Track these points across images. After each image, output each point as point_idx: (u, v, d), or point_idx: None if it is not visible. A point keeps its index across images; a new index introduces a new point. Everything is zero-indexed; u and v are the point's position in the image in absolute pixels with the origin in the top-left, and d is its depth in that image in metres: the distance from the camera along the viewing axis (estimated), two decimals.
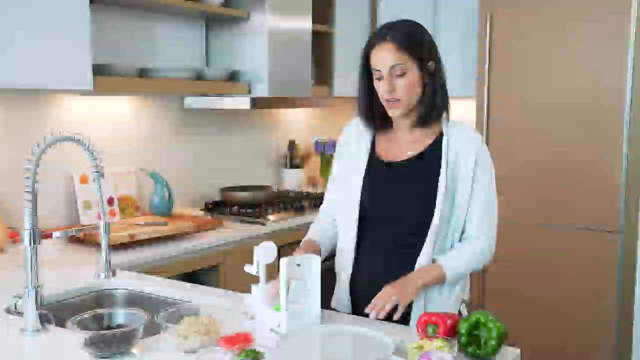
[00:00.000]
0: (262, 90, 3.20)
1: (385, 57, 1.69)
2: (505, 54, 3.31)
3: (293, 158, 3.89)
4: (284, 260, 1.55)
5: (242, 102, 3.13)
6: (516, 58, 3.29)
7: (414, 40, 1.71)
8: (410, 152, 1.79)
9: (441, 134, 1.78)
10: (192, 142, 3.37)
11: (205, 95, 3.24)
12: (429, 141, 1.78)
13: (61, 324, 1.57)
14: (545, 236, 3.27)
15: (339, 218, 1.87)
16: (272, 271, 1.64)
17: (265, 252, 1.66)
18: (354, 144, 1.87)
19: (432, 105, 1.74)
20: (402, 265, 1.73)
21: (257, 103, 3.15)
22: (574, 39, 3.13)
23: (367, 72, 1.77)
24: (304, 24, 3.45)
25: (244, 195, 3.29)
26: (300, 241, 1.89)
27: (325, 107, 3.84)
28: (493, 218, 1.78)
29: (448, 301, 1.77)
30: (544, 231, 3.27)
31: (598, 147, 3.11)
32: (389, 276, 1.69)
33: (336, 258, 1.90)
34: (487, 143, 3.36)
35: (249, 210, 3.16)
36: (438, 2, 3.91)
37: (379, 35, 1.72)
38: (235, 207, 3.23)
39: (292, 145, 3.91)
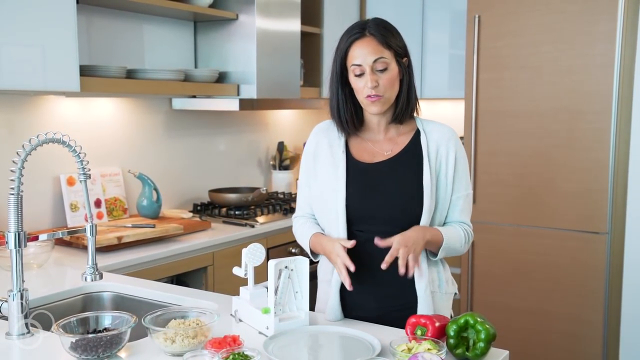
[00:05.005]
0: (250, 91, 3.19)
1: (367, 51, 1.69)
2: (493, 55, 3.32)
3: (282, 160, 3.89)
4: (272, 263, 1.55)
5: (231, 104, 3.13)
6: (504, 60, 3.30)
7: (392, 35, 1.72)
8: (388, 152, 1.78)
9: (418, 131, 1.79)
10: (181, 144, 3.35)
11: (194, 96, 3.23)
12: (407, 139, 1.79)
13: (47, 327, 1.56)
14: (533, 238, 3.28)
15: (323, 225, 1.82)
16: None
17: (253, 254, 1.66)
18: (325, 150, 1.84)
19: (407, 102, 1.76)
20: (396, 263, 1.69)
21: (245, 104, 3.14)
22: (561, 41, 3.14)
23: (341, 74, 1.76)
24: (293, 25, 3.44)
25: (232, 196, 3.28)
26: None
27: (314, 109, 3.84)
28: (470, 211, 1.82)
29: (445, 296, 1.78)
30: (531, 232, 3.28)
31: (585, 148, 3.12)
32: (386, 277, 1.68)
33: (320, 265, 1.86)
34: (475, 144, 3.37)
35: (238, 212, 3.16)
36: (426, 3, 3.92)
37: (357, 31, 1.71)
38: (224, 209, 3.22)
39: (281, 146, 3.90)
